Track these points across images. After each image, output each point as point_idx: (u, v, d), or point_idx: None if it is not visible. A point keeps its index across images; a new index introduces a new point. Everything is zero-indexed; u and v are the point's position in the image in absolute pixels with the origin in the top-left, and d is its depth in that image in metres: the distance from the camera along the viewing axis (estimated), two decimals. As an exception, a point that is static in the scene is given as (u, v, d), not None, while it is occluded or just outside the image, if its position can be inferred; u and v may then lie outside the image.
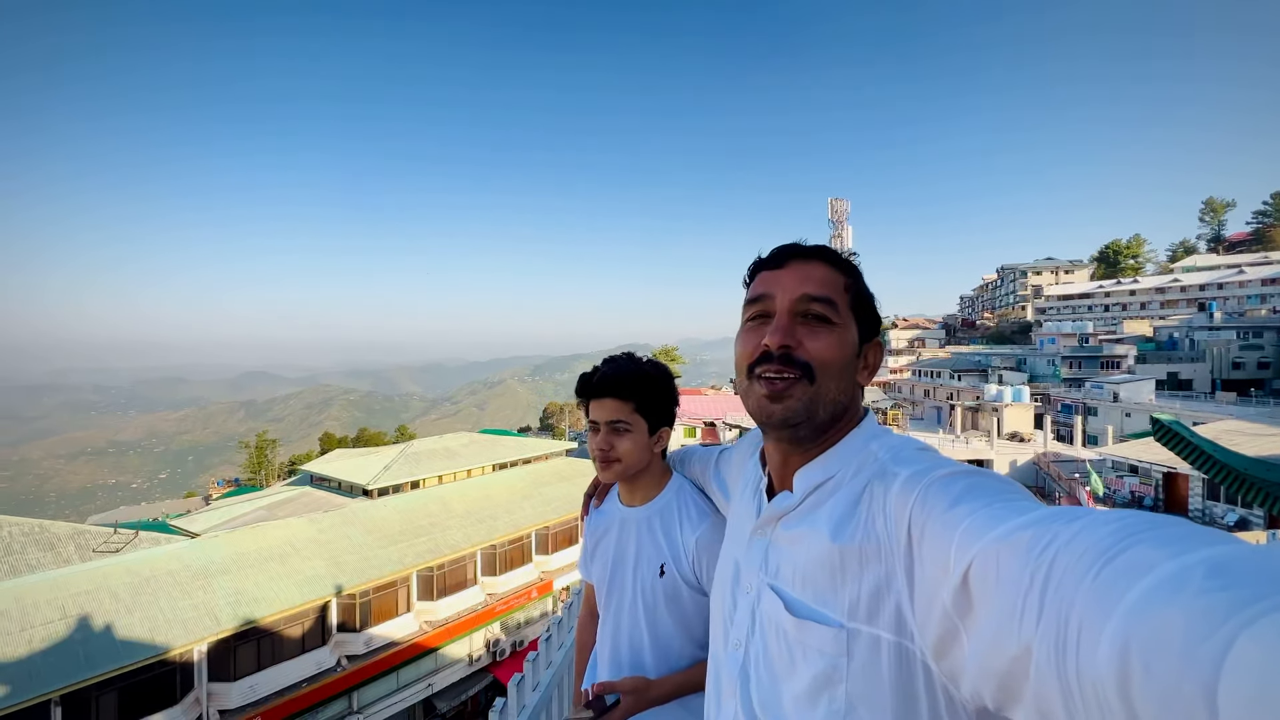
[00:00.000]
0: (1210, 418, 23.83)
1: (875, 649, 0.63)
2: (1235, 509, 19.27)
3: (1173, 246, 75.11)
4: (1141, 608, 0.33)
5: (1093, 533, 0.41)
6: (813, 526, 0.73)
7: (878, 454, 0.74)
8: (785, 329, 0.78)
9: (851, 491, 0.72)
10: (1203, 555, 0.34)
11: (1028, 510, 0.50)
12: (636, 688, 1.22)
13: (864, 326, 0.82)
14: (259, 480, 51.57)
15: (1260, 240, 63.69)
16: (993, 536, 0.48)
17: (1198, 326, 41.81)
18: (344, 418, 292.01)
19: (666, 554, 1.35)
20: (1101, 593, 0.36)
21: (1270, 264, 50.89)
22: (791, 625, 0.71)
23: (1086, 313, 59.19)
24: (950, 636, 0.53)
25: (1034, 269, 72.03)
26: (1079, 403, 33.43)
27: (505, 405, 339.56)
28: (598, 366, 1.41)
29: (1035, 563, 0.43)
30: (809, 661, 0.68)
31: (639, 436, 1.36)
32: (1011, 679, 0.44)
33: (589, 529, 1.52)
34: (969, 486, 0.58)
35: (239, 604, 12.97)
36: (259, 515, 18.27)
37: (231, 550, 14.74)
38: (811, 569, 0.72)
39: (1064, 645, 0.38)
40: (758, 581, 0.81)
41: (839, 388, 0.78)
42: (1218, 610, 0.30)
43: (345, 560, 15.41)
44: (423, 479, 20.98)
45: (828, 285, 0.80)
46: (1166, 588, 0.33)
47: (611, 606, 1.40)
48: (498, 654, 17.66)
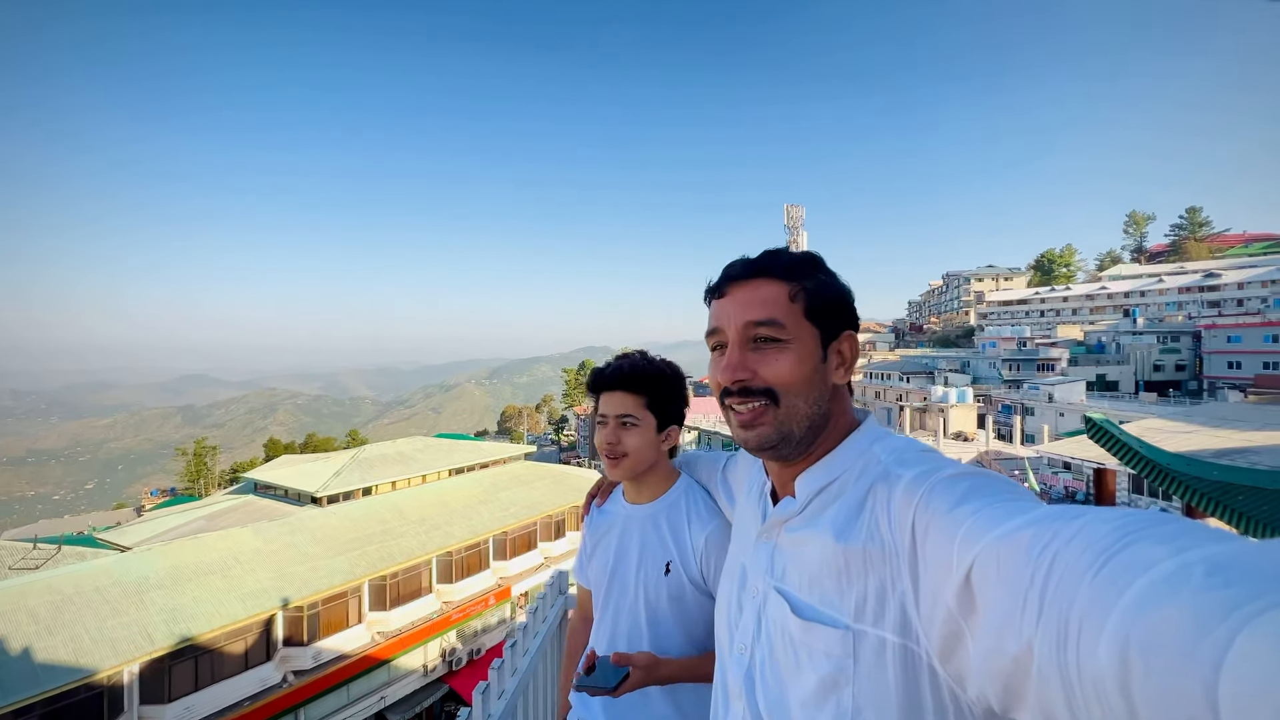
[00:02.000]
0: (1135, 416, 25.43)
1: (881, 651, 0.63)
2: (1157, 501, 20.65)
3: (1101, 256, 79.91)
4: (1141, 605, 0.33)
5: (1093, 531, 0.41)
6: (818, 530, 0.74)
7: (880, 457, 0.74)
8: (736, 364, 0.78)
9: (856, 494, 0.72)
10: (1203, 553, 0.34)
11: (1029, 510, 0.50)
12: (648, 663, 1.20)
13: (827, 325, 0.80)
14: (197, 489, 49.01)
15: (1177, 251, 68.46)
16: (994, 536, 0.49)
17: (1123, 331, 44.65)
18: (291, 423, 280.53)
19: (674, 552, 1.33)
20: (1101, 590, 0.36)
21: (1185, 274, 54.73)
22: (797, 628, 0.71)
23: (1024, 318, 62.39)
24: (955, 637, 0.53)
25: (976, 276, 75.42)
26: (1018, 403, 35.17)
27: (462, 409, 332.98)
28: (610, 361, 1.41)
29: (1036, 561, 0.43)
30: (815, 664, 0.68)
31: (647, 432, 1.35)
32: (1015, 679, 0.44)
33: (590, 529, 1.49)
34: (972, 487, 0.58)
35: (175, 620, 12.25)
36: (198, 526, 17.34)
37: (167, 563, 13.92)
38: (817, 572, 0.72)
39: (1065, 643, 0.38)
40: (764, 585, 0.81)
41: (808, 402, 0.77)
42: (1218, 608, 0.30)
43: (292, 571, 14.77)
44: (375, 485, 20.35)
45: (770, 305, 0.78)
46: (1166, 585, 0.33)
47: (611, 604, 1.38)
48: (454, 663, 17.25)
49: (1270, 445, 18.81)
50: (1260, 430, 20.58)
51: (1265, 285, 45.45)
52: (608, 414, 1.34)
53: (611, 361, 1.41)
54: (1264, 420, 22.34)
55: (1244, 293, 46.72)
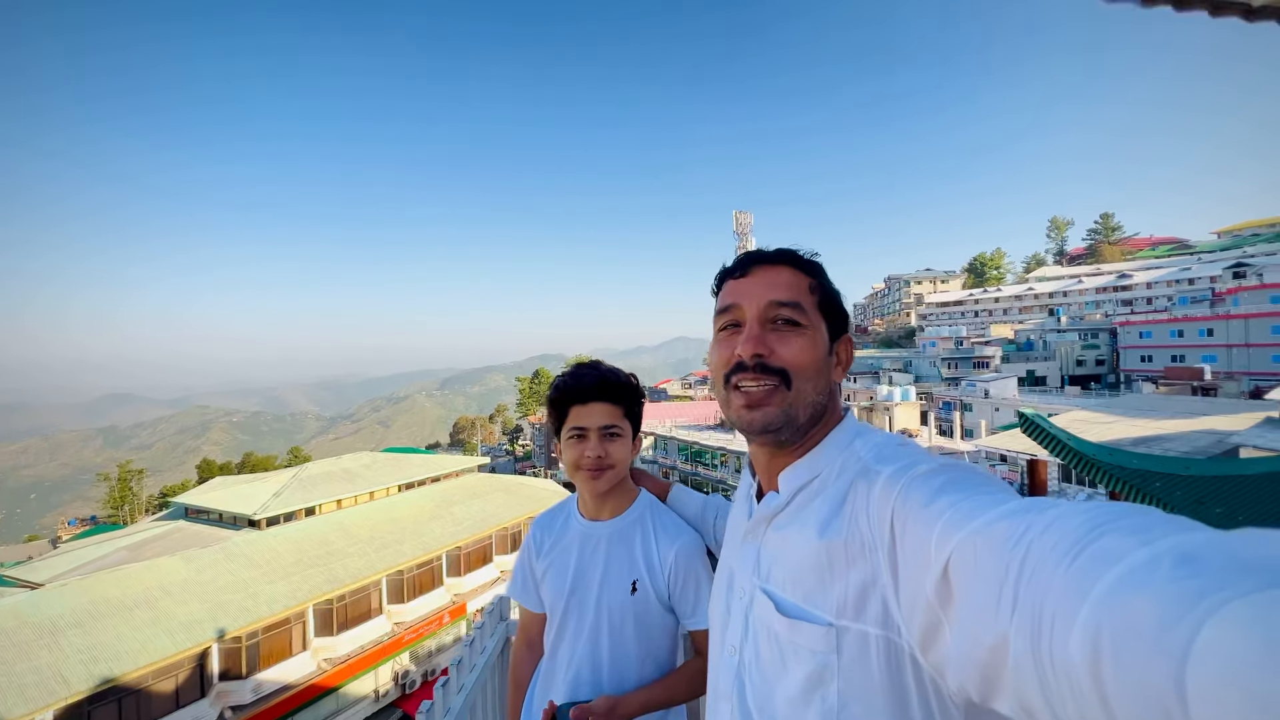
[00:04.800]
0: (1062, 409, 27.12)
1: (864, 645, 0.64)
2: (1084, 489, 22.00)
3: (1027, 259, 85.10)
4: (1112, 596, 0.34)
5: (1065, 523, 0.42)
6: (801, 526, 0.74)
7: (860, 452, 0.75)
8: (757, 338, 0.79)
9: (837, 490, 0.73)
10: (1171, 543, 0.34)
11: (1005, 502, 0.51)
12: (607, 708, 1.17)
13: (833, 324, 0.83)
14: (121, 517, 45.74)
15: (1093, 254, 73.63)
16: (971, 528, 0.50)
17: (1049, 329, 47.56)
18: (226, 442, 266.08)
19: (641, 570, 1.29)
20: (1073, 582, 0.37)
21: (1102, 275, 58.84)
22: (782, 626, 0.72)
23: (960, 318, 65.50)
24: (934, 629, 0.54)
25: (915, 279, 78.81)
26: (957, 400, 36.83)
27: (412, 421, 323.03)
28: (571, 372, 1.33)
29: (1011, 553, 0.44)
30: (800, 661, 0.68)
31: (628, 442, 1.32)
32: (992, 669, 0.45)
33: (537, 548, 1.40)
34: (949, 481, 0.59)
35: (95, 661, 11.32)
36: (121, 557, 16.10)
37: (85, 599, 12.87)
38: (801, 569, 0.72)
39: (1039, 634, 0.38)
40: (750, 585, 0.81)
41: (815, 389, 0.79)
42: (1185, 597, 0.30)
43: (228, 600, 13.91)
44: (319, 504, 19.44)
45: (794, 289, 0.81)
46: (1136, 576, 0.34)
47: (569, 628, 1.31)
48: (407, 686, 16.63)
49: (1179, 433, 20.40)
50: (1171, 419, 22.30)
51: (1170, 285, 49.38)
52: (588, 426, 1.28)
53: (575, 373, 1.33)
54: (1173, 410, 24.22)
55: (1153, 292, 50.59)
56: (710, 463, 31.64)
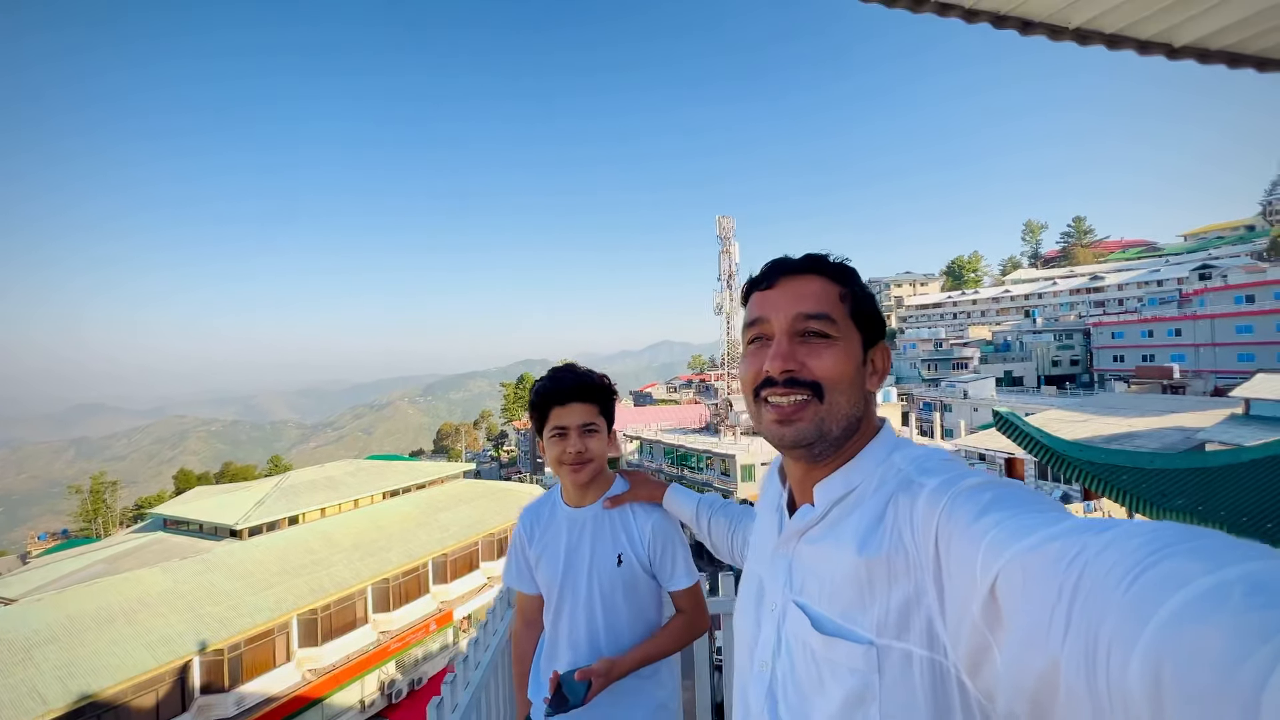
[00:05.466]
0: (1038, 409, 27.77)
1: (908, 665, 0.61)
2: (1060, 486, 22.53)
3: (1003, 262, 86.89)
4: (1177, 624, 0.32)
5: (1124, 544, 0.40)
6: (838, 541, 0.72)
7: (900, 465, 0.73)
8: (785, 354, 0.77)
9: (876, 504, 0.71)
10: (1243, 570, 0.32)
11: (1057, 521, 0.49)
12: (606, 668, 1.33)
13: (867, 332, 0.80)
14: (95, 530, 44.63)
15: (1067, 257, 75.41)
16: (1020, 547, 0.47)
17: (1025, 331, 48.62)
18: (204, 451, 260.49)
19: (624, 543, 1.45)
20: (1133, 607, 0.35)
21: (1075, 277, 60.34)
22: (819, 643, 0.69)
23: (939, 320, 66.68)
24: (982, 651, 0.52)
25: (895, 281, 79.87)
26: (937, 401, 37.47)
27: (395, 428, 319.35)
28: (549, 376, 1.48)
29: (1064, 575, 0.41)
30: (839, 680, 0.66)
31: (604, 437, 1.47)
32: (1042, 695, 0.43)
33: (529, 536, 1.54)
34: (996, 497, 0.57)
35: (71, 677, 11.10)
36: (97, 570, 15.78)
37: (60, 614, 12.61)
38: (838, 584, 0.70)
39: (1094, 661, 0.36)
40: (782, 599, 0.79)
41: (849, 401, 0.77)
42: (1261, 628, 0.29)
43: (209, 612, 13.71)
44: (302, 513, 19.24)
45: (823, 300, 0.79)
46: (1203, 603, 0.32)
47: (566, 604, 1.46)
48: (393, 696, 16.48)
49: (1150, 430, 20.99)
50: (1141, 416, 22.93)
51: (1141, 286, 50.79)
52: (569, 424, 1.42)
53: (554, 376, 1.47)
54: (1144, 408, 24.91)
55: (1124, 293, 51.97)
56: (696, 466, 31.77)
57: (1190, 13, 1.91)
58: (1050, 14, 2.03)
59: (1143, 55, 2.07)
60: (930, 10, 2.19)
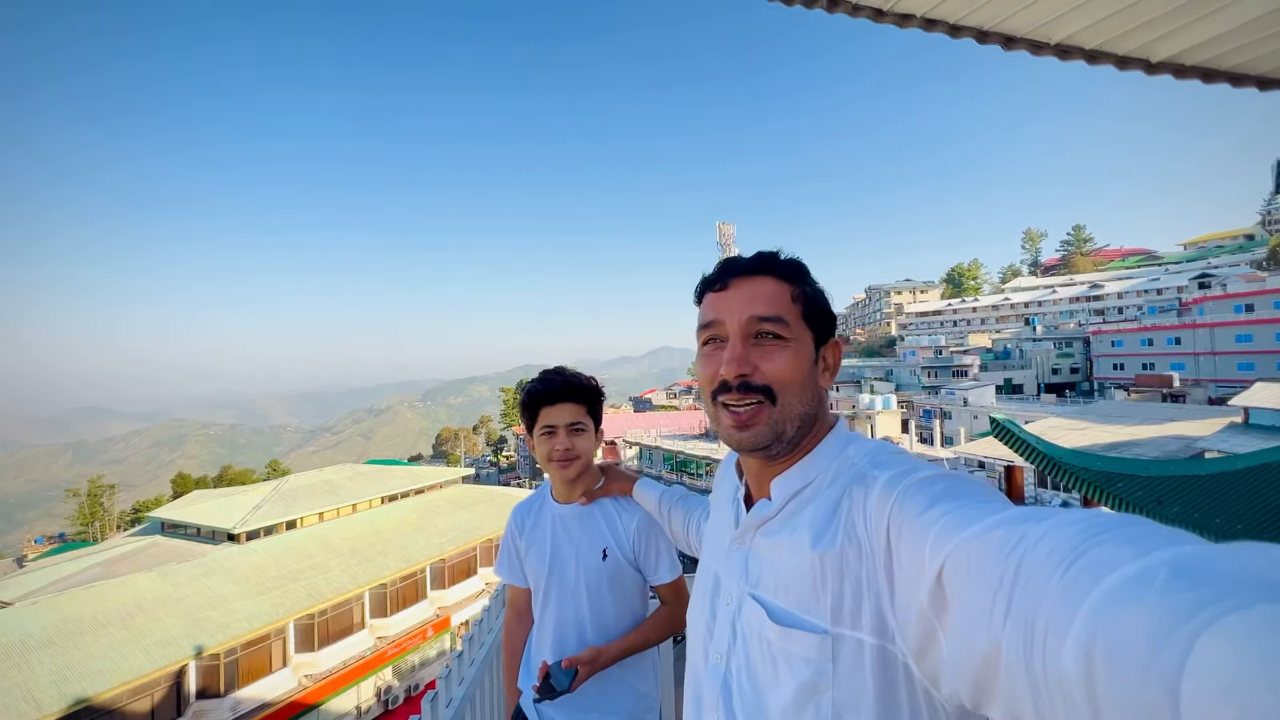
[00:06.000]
0: (1037, 416, 27.77)
1: (859, 654, 0.63)
2: (1059, 494, 22.51)
3: (1003, 270, 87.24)
4: (1106, 606, 0.34)
5: (1060, 532, 0.42)
6: (793, 533, 0.73)
7: (854, 459, 0.74)
8: (739, 357, 0.78)
9: (830, 497, 0.72)
10: (1166, 555, 0.34)
11: (1000, 510, 0.51)
12: (592, 657, 1.39)
13: (818, 329, 0.81)
14: (92, 534, 44.61)
15: (1066, 265, 75.70)
16: (965, 536, 0.50)
17: (1024, 338, 48.66)
18: (202, 455, 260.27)
19: (609, 539, 1.51)
20: (1067, 592, 0.37)
21: (1075, 285, 60.54)
22: (775, 634, 0.71)
23: (939, 328, 66.78)
24: (928, 636, 0.54)
25: (895, 289, 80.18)
26: (937, 408, 37.46)
27: (394, 433, 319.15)
28: (539, 378, 1.54)
29: (1005, 562, 0.44)
30: (793, 670, 0.67)
31: (591, 435, 1.52)
32: (984, 676, 0.45)
33: (520, 530, 1.61)
34: (946, 489, 0.59)
35: (66, 681, 11.08)
36: (94, 574, 15.75)
37: (55, 618, 12.60)
38: (793, 576, 0.71)
39: (1031, 643, 0.38)
40: (738, 591, 0.80)
41: (802, 401, 0.78)
42: (1181, 610, 0.30)
43: (206, 616, 13.69)
44: (300, 518, 19.22)
45: (775, 302, 0.79)
46: (1130, 587, 0.33)
47: (553, 596, 1.51)
48: (389, 702, 16.42)
49: (1149, 438, 20.97)
50: (1141, 425, 22.92)
51: (1140, 295, 50.96)
52: (557, 423, 1.48)
53: (544, 378, 1.53)
54: (1143, 416, 24.90)
55: (1123, 302, 52.14)
56: (695, 472, 31.76)
57: (1165, 30, 1.97)
58: (1031, 30, 2.09)
59: (1122, 70, 2.13)
60: (916, 26, 2.24)
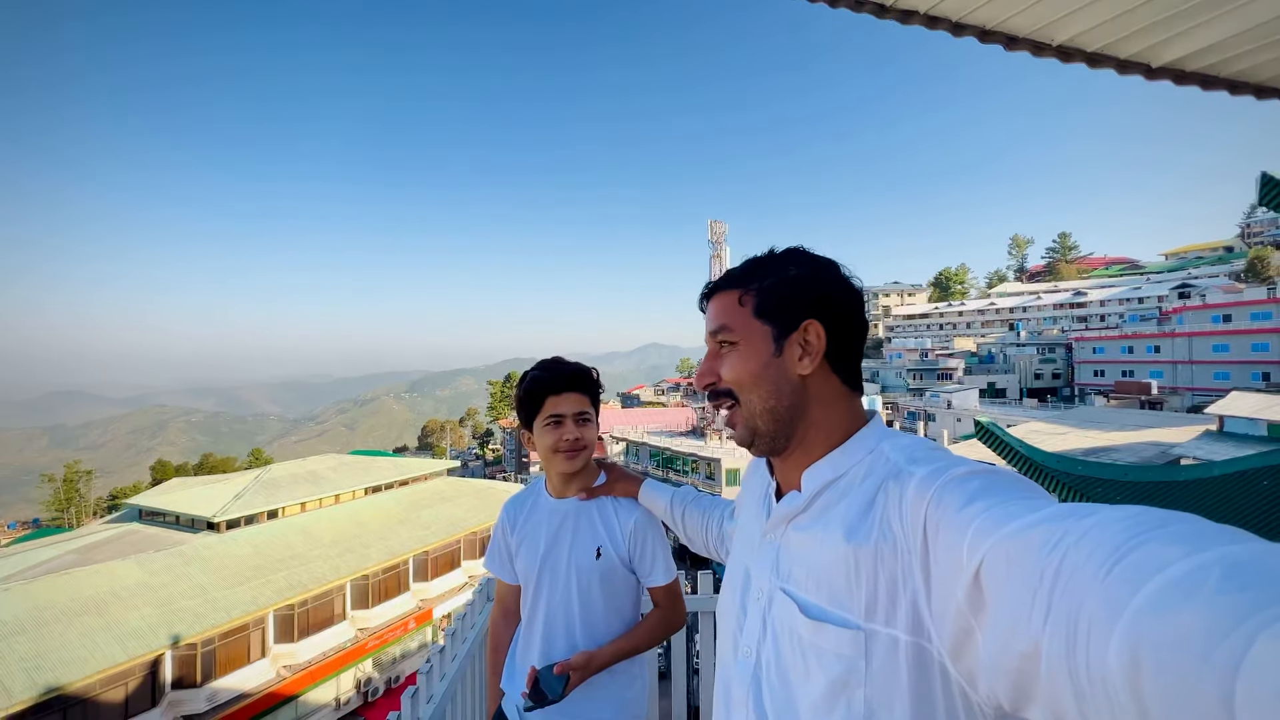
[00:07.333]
0: (1020, 420, 28.14)
1: (893, 651, 0.62)
2: (1039, 497, 22.85)
3: (990, 275, 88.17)
4: (1154, 607, 0.33)
5: (1104, 530, 0.40)
6: (826, 528, 0.72)
7: (889, 454, 0.73)
8: (703, 370, 0.86)
9: (865, 492, 0.71)
10: (1218, 554, 0.33)
11: (1041, 507, 0.50)
12: (583, 662, 1.35)
13: (781, 319, 0.80)
14: (68, 520, 43.89)
15: (1051, 272, 76.72)
16: (1005, 533, 0.48)
17: (1009, 343, 49.36)
18: (183, 442, 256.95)
19: (604, 537, 1.47)
20: (1112, 591, 0.36)
21: (1059, 292, 61.35)
22: (806, 629, 0.70)
23: (925, 331, 67.33)
24: (965, 635, 0.53)
25: (883, 291, 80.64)
26: (921, 410, 37.88)
27: (379, 424, 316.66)
28: (543, 366, 1.50)
29: (1046, 560, 0.42)
30: (825, 666, 0.66)
31: (595, 426, 1.50)
32: (1023, 677, 0.44)
33: (512, 525, 1.56)
34: (985, 485, 0.58)
35: (38, 669, 10.88)
36: (68, 561, 15.45)
37: (27, 605, 12.36)
38: (826, 571, 0.70)
39: (1074, 643, 0.38)
40: (769, 586, 0.79)
41: (764, 396, 0.79)
42: (1235, 611, 0.29)
43: (183, 605, 13.50)
44: (282, 507, 18.99)
45: (724, 313, 0.84)
46: (1180, 587, 0.32)
47: (543, 593, 1.46)
48: (369, 694, 16.33)
49: (1127, 444, 21.36)
50: (1119, 431, 23.34)
51: (1122, 303, 51.75)
52: (564, 413, 1.44)
53: (549, 366, 1.49)
54: (1121, 422, 25.35)
55: (1106, 309, 52.90)
56: (682, 469, 31.85)
57: (1168, 34, 1.97)
58: (1033, 30, 2.08)
59: (1122, 74, 2.13)
60: (918, 23, 2.23)
